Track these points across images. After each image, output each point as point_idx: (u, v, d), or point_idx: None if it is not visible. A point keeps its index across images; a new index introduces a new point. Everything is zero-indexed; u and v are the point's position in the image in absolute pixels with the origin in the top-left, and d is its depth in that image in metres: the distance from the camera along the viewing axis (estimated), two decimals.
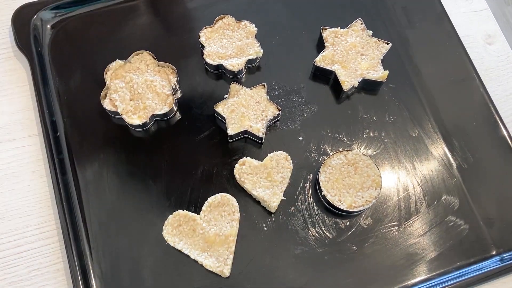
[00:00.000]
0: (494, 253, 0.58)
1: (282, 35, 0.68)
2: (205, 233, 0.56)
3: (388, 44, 0.65)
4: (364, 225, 0.58)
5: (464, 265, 0.57)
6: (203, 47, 0.64)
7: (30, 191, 0.60)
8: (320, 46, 0.67)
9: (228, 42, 0.65)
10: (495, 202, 0.60)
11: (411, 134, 0.63)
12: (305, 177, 0.60)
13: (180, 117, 0.63)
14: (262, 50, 0.64)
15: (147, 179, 0.59)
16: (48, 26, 0.66)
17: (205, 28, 0.65)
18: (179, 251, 0.55)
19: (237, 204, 0.57)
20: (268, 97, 0.62)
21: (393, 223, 0.59)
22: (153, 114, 0.61)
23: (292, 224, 0.58)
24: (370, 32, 0.66)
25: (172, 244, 0.56)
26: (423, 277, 0.56)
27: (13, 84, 0.65)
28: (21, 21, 0.66)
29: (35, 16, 0.66)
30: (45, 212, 0.59)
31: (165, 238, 0.56)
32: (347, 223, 0.58)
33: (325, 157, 0.60)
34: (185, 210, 0.57)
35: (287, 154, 0.59)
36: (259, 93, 0.62)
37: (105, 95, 0.62)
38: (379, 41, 0.65)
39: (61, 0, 0.67)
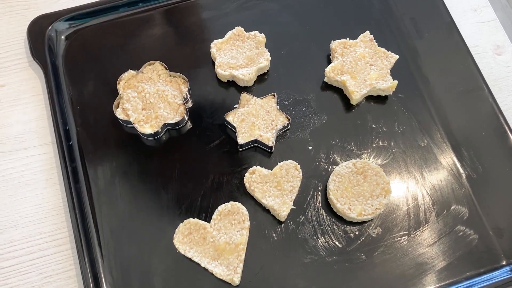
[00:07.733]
0: (504, 263, 0.58)
1: (292, 46, 0.68)
2: (215, 242, 0.56)
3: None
4: (374, 235, 0.58)
5: (474, 275, 0.57)
6: (214, 58, 0.65)
7: (44, 198, 0.60)
8: (329, 56, 0.67)
9: (239, 53, 0.65)
10: (505, 211, 0.60)
11: (420, 144, 0.63)
12: (314, 186, 0.61)
13: (191, 126, 0.64)
14: (270, 58, 0.64)
15: (159, 188, 0.60)
16: (63, 37, 0.68)
17: (216, 40, 0.66)
18: (190, 259, 0.56)
19: (247, 212, 0.57)
20: (278, 106, 0.62)
21: (402, 233, 0.59)
22: (164, 123, 0.61)
23: (301, 233, 0.58)
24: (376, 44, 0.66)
25: (182, 252, 0.56)
26: (432, 287, 0.56)
27: (28, 94, 0.66)
28: (36, 32, 0.67)
29: (50, 27, 0.67)
30: (58, 219, 0.59)
31: (176, 246, 0.56)
32: (357, 232, 0.58)
33: (334, 166, 0.61)
34: (195, 218, 0.57)
35: (297, 163, 0.60)
36: (269, 102, 0.63)
37: (118, 104, 0.62)
38: (388, 51, 0.66)
39: (75, 12, 0.68)
